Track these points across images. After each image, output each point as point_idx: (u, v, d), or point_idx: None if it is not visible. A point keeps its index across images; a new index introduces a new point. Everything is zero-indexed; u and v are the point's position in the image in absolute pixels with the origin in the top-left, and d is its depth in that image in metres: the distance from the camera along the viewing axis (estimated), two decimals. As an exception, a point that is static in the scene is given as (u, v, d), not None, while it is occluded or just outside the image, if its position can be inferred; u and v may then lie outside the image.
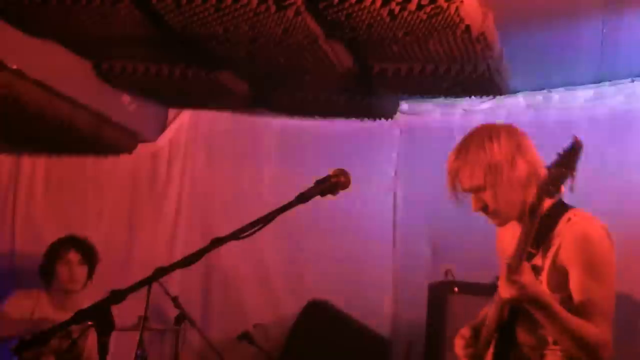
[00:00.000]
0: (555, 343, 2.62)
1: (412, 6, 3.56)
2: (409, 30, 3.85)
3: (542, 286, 2.56)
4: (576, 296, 2.57)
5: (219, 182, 5.93)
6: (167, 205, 5.92)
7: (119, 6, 3.82)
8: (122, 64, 4.84)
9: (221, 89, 5.01)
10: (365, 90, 4.98)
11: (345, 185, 2.52)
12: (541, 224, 2.53)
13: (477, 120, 5.23)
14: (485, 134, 2.71)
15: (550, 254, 2.61)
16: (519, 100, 5.29)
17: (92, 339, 4.41)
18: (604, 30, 4.24)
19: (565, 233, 2.62)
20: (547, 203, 2.61)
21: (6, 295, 4.82)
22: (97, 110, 5.09)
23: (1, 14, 4.10)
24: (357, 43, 4.18)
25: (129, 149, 5.74)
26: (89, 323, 2.09)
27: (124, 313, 2.17)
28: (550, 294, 2.54)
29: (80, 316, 2.07)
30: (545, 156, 5.05)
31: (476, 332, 2.89)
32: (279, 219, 2.35)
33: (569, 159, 2.31)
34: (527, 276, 2.40)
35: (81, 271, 4.80)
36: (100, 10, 3.87)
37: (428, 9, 3.59)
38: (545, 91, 5.23)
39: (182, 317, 5.01)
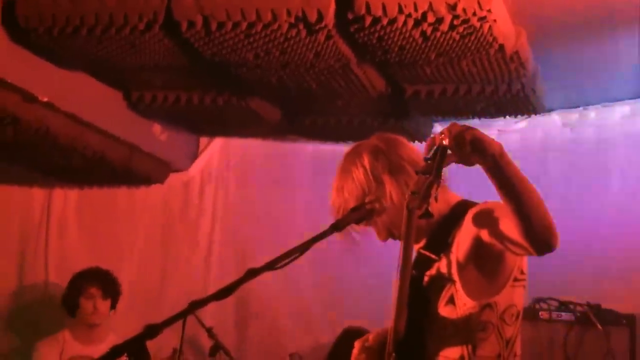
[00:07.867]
0: None
1: (445, 27, 3.51)
2: (441, 51, 3.80)
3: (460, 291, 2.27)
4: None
5: (252, 210, 5.88)
6: (200, 235, 5.88)
7: (149, 35, 3.82)
8: (153, 93, 4.84)
9: (253, 116, 4.98)
10: (399, 113, 4.92)
11: (380, 211, 2.39)
12: (440, 227, 2.35)
13: (513, 140, 5.25)
14: (350, 160, 2.45)
15: (454, 257, 2.31)
16: (555, 119, 5.19)
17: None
18: (642, 45, 4.17)
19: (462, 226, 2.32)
20: (446, 205, 2.39)
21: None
22: (128, 141, 5.09)
23: (31, 47, 4.12)
24: (389, 66, 4.13)
25: (161, 179, 5.71)
26: (124, 358, 2.06)
27: (158, 345, 2.14)
28: (472, 303, 2.25)
29: (116, 351, 2.04)
30: (582, 175, 5.03)
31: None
32: (314, 246, 2.29)
33: (432, 164, 2.03)
34: None
35: (104, 305, 4.93)
36: (130, 40, 3.88)
37: (461, 29, 3.53)
38: (581, 109, 5.13)
39: (217, 348, 4.94)
